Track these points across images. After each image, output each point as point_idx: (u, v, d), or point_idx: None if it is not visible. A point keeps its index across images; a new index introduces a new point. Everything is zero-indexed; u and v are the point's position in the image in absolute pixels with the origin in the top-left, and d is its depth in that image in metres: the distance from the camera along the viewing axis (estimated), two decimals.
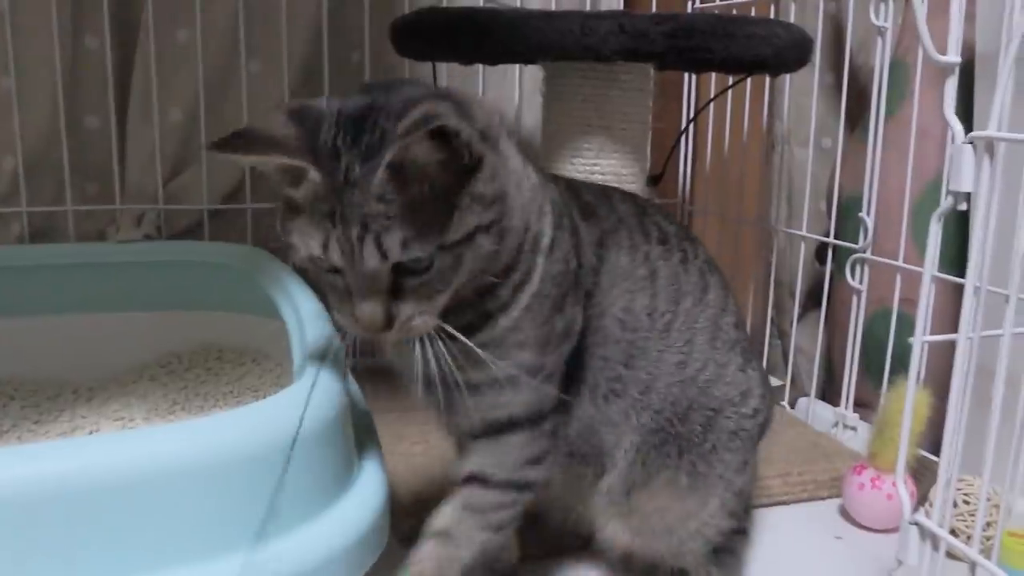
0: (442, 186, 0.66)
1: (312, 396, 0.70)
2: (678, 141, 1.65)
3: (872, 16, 1.24)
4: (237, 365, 1.33)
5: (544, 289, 0.76)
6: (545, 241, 0.77)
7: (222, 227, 1.53)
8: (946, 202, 0.68)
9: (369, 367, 1.48)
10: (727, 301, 0.93)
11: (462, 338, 0.70)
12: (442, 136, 0.65)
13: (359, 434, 0.81)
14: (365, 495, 0.71)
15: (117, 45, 1.45)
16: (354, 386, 0.97)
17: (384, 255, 0.65)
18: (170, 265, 1.38)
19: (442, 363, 0.70)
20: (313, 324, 0.91)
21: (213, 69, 1.48)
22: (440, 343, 0.70)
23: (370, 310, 0.67)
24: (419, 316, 0.68)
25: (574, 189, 0.89)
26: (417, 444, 1.23)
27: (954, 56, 0.65)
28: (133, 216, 1.47)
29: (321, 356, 0.79)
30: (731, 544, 0.93)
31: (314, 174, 0.65)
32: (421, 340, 0.70)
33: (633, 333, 0.86)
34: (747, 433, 0.90)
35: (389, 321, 0.68)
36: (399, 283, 0.67)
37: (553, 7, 1.65)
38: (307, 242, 0.67)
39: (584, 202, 0.87)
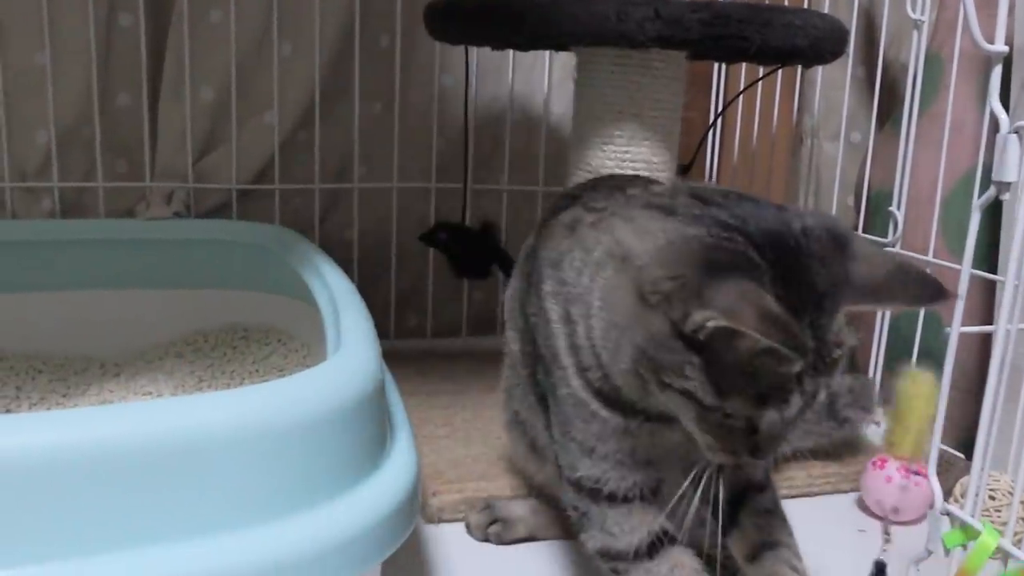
0: None
1: (347, 370, 0.71)
2: (708, 131, 1.65)
3: (908, 9, 1.24)
4: (263, 344, 1.33)
5: None
6: None
7: (251, 207, 1.54)
8: (989, 192, 0.67)
9: (392, 351, 1.51)
10: None
11: None
12: None
13: (390, 412, 0.81)
14: (398, 471, 0.71)
15: (151, 24, 1.45)
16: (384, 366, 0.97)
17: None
18: (198, 243, 1.39)
19: None
20: (345, 302, 0.91)
21: (245, 50, 1.49)
22: None
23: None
24: None
25: None
26: (442, 427, 1.24)
27: (1002, 45, 0.64)
28: (163, 194, 1.48)
29: None
30: None
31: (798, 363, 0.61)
32: None
33: None
34: None
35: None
36: None
37: None
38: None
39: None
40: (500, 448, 1.12)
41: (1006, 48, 0.65)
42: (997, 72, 0.67)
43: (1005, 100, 1.24)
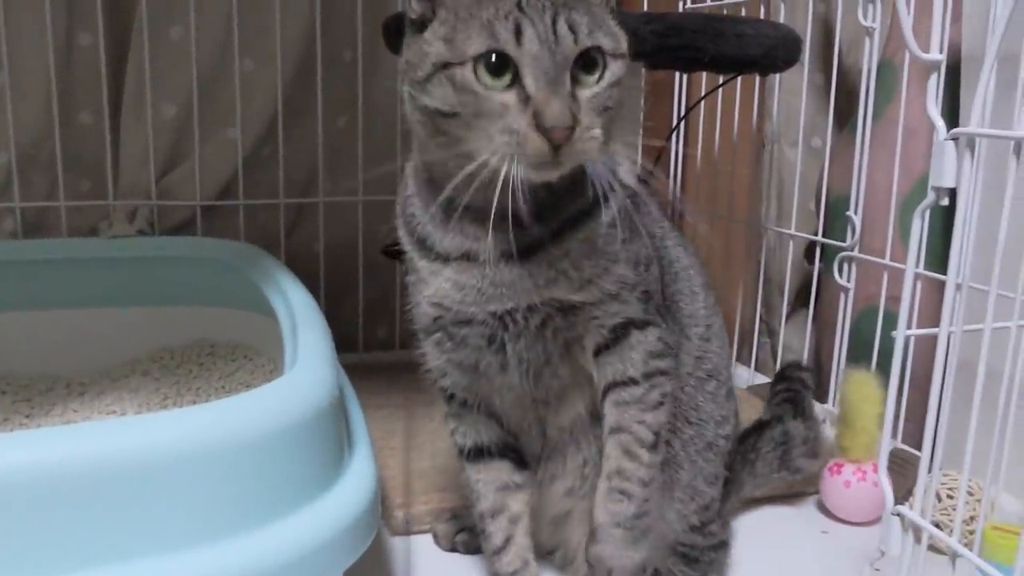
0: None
1: (304, 385, 0.71)
2: (668, 139, 1.66)
3: (860, 17, 1.26)
4: (229, 361, 1.33)
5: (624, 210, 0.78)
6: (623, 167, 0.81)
7: (215, 223, 1.54)
8: (928, 197, 0.69)
9: (361, 363, 1.51)
10: (724, 328, 0.96)
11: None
12: None
13: (349, 425, 0.81)
14: (355, 484, 0.72)
15: (111, 42, 1.45)
16: (344, 379, 0.98)
17: (575, 35, 0.65)
18: (163, 260, 1.39)
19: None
20: (305, 319, 0.92)
21: (206, 66, 1.49)
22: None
23: (562, 104, 0.64)
24: (595, 128, 0.67)
25: None
26: (409, 439, 1.24)
27: (937, 54, 0.66)
28: (126, 212, 1.47)
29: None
30: (706, 556, 0.93)
31: None
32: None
33: (674, 283, 0.88)
34: (721, 450, 0.92)
35: (574, 120, 0.65)
36: (574, 91, 0.67)
37: None
38: (495, 35, 0.65)
39: None
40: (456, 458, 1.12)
41: (941, 57, 0.66)
42: (935, 80, 0.69)
43: (955, 106, 1.26)
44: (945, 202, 0.67)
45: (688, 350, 0.89)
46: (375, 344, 1.68)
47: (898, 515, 0.74)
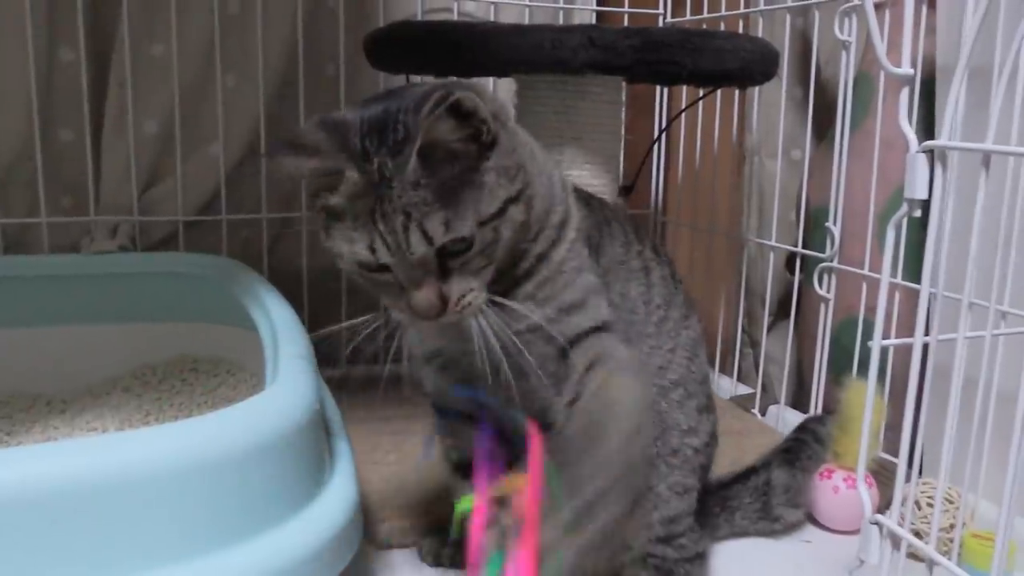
0: (468, 165, 0.71)
1: (283, 401, 0.71)
2: (649, 152, 1.68)
3: (837, 31, 1.27)
4: (211, 376, 1.33)
5: (581, 235, 0.81)
6: (573, 223, 0.81)
7: (197, 239, 1.54)
8: (902, 209, 0.70)
9: (345, 377, 1.50)
10: (699, 344, 0.96)
11: (514, 305, 0.75)
12: (460, 114, 0.69)
13: (331, 440, 0.81)
14: (336, 498, 0.72)
15: (92, 58, 1.45)
16: (327, 393, 0.98)
17: (429, 240, 0.69)
18: (145, 276, 1.38)
19: (498, 332, 0.74)
20: (286, 334, 0.92)
21: (189, 83, 1.49)
22: (492, 315, 0.74)
23: (424, 297, 0.71)
24: (470, 294, 0.72)
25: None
26: (390, 453, 1.24)
27: (908, 68, 0.67)
28: (108, 228, 1.47)
29: None
30: (681, 568, 0.93)
31: (351, 174, 0.70)
32: (476, 318, 0.74)
33: (631, 315, 0.88)
34: (688, 459, 0.92)
35: (443, 304, 0.72)
36: (445, 266, 0.72)
37: (526, 21, 1.67)
38: (352, 246, 0.72)
39: (577, 190, 0.90)
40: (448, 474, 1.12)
41: (911, 71, 0.67)
42: (906, 94, 0.70)
43: (931, 119, 1.27)
44: (918, 213, 0.68)
45: (649, 363, 0.90)
46: (359, 358, 1.68)
47: (876, 523, 0.75)
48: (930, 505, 1.04)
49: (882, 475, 1.13)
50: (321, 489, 0.72)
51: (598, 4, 1.75)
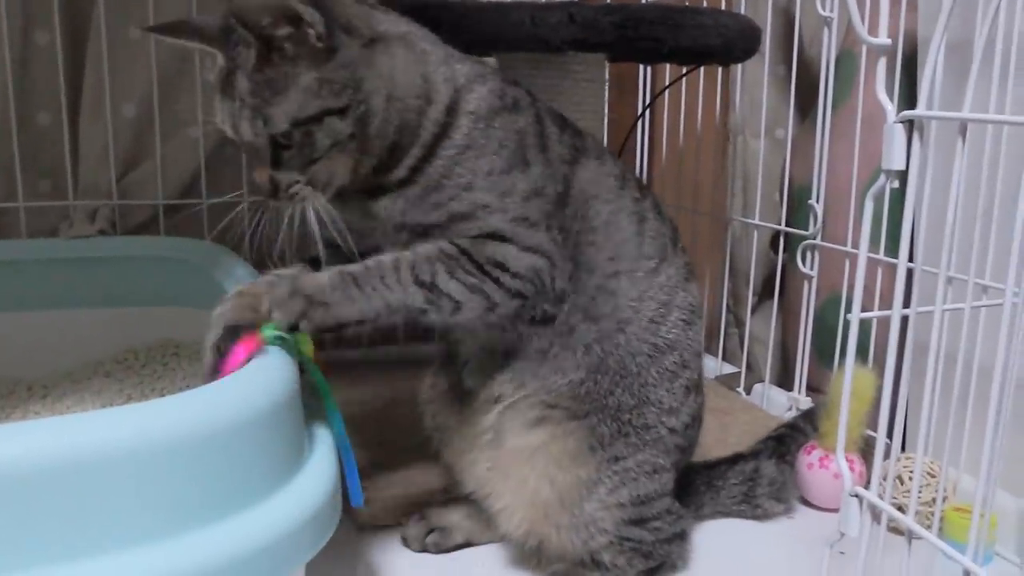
0: (299, 72, 0.76)
1: (262, 379, 0.71)
2: (632, 131, 1.67)
3: (819, 7, 1.27)
4: (193, 361, 1.32)
5: (475, 144, 0.84)
6: (469, 107, 0.84)
7: (177, 222, 1.53)
8: (879, 181, 0.69)
9: (329, 360, 1.50)
10: (698, 314, 0.96)
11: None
12: (290, 18, 0.75)
13: (310, 419, 0.81)
14: (315, 477, 0.71)
15: (68, 41, 1.43)
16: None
17: (255, 130, 0.78)
18: (125, 261, 1.37)
19: (327, 220, 0.82)
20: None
21: (166, 64, 1.47)
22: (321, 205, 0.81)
23: (259, 177, 0.81)
24: (295, 185, 0.80)
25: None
26: (375, 435, 1.24)
27: (885, 38, 0.66)
28: (87, 212, 1.46)
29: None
30: (660, 550, 0.93)
31: (220, 59, 0.79)
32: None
33: (619, 247, 0.90)
34: (662, 438, 0.91)
35: (275, 188, 0.81)
36: (278, 155, 0.79)
37: None
38: (218, 121, 0.80)
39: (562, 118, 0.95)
40: (432, 454, 1.12)
41: (888, 41, 0.67)
42: (883, 64, 0.69)
43: (914, 96, 1.27)
44: (896, 185, 0.68)
45: (639, 311, 0.90)
46: (343, 341, 1.68)
47: (856, 495, 0.75)
48: (912, 479, 1.04)
49: (869, 453, 1.13)
50: (300, 467, 0.72)
51: None
